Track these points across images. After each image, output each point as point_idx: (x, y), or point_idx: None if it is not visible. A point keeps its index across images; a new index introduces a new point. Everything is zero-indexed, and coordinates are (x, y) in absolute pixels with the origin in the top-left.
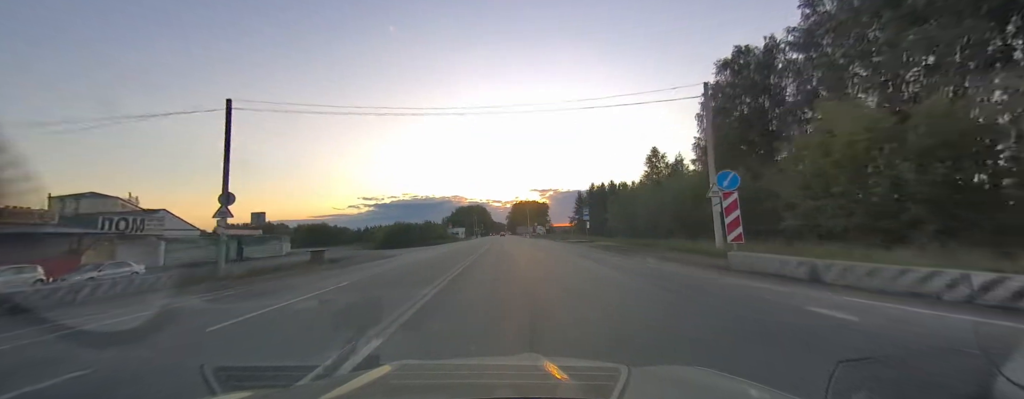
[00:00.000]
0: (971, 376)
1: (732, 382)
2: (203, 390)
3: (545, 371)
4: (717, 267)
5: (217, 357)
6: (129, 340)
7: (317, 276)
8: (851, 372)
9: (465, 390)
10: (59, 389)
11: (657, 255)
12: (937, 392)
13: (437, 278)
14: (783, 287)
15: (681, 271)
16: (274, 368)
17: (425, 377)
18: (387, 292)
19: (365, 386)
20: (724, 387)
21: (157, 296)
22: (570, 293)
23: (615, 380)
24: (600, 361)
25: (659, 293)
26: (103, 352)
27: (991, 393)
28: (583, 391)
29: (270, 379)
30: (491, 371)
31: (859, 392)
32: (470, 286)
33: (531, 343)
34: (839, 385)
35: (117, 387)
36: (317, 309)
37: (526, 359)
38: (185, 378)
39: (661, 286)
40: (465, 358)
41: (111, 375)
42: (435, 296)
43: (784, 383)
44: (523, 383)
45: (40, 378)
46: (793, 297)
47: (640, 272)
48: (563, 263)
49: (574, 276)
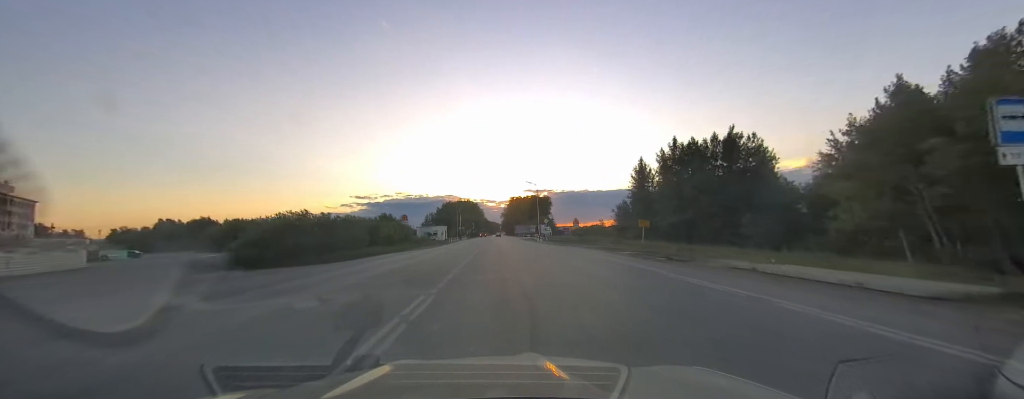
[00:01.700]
0: (971, 376)
1: (732, 382)
2: (203, 390)
3: (545, 371)
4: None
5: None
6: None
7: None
8: (851, 372)
9: (465, 390)
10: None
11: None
12: (937, 392)
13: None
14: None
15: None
16: (273, 368)
17: (424, 377)
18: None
19: (365, 386)
20: (724, 387)
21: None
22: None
23: (615, 380)
24: (600, 361)
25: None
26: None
27: (991, 393)
28: (583, 391)
29: (270, 379)
30: (491, 371)
31: (859, 392)
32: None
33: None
34: (839, 385)
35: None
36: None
37: (526, 359)
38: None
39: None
40: (465, 358)
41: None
42: None
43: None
44: (523, 383)
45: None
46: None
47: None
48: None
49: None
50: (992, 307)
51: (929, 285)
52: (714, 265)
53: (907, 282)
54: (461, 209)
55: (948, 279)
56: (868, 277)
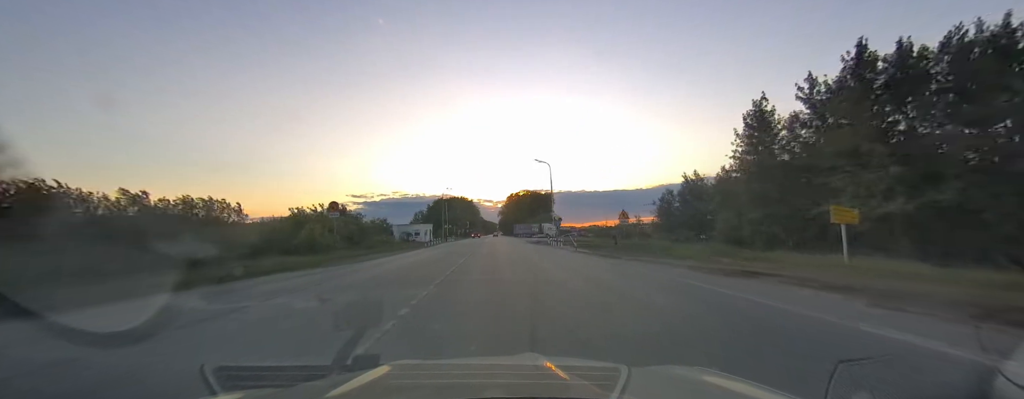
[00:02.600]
0: (971, 376)
1: (732, 382)
2: (203, 390)
3: (545, 370)
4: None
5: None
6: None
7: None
8: (851, 372)
9: (465, 390)
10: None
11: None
12: (937, 392)
13: None
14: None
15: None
16: (273, 368)
17: (424, 377)
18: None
19: (364, 386)
20: (724, 387)
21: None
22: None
23: (615, 380)
24: (600, 361)
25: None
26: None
27: (991, 393)
28: (583, 391)
29: (270, 379)
30: (490, 371)
31: (859, 392)
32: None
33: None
34: (839, 385)
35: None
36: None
37: (526, 359)
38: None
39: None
40: (465, 358)
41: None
42: None
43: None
44: (523, 383)
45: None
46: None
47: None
48: None
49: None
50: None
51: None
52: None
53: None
54: (452, 206)
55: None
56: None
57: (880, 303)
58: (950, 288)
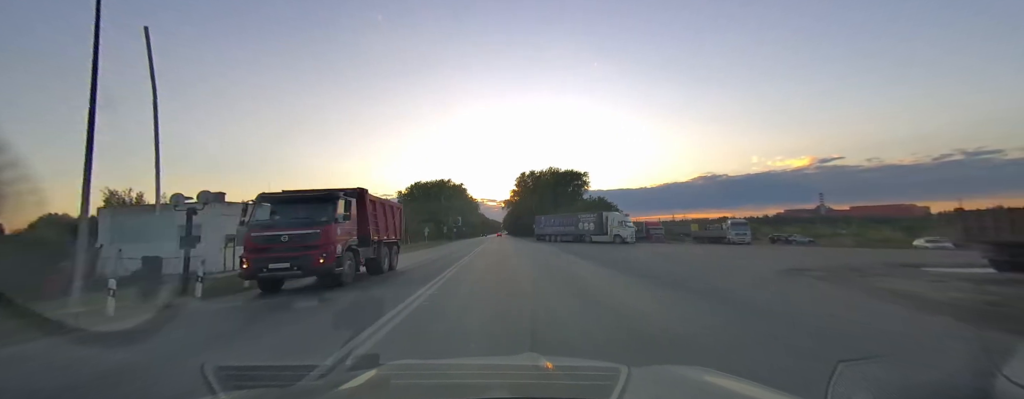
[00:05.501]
0: (972, 376)
1: (732, 382)
2: (204, 389)
3: (545, 371)
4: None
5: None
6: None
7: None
8: (851, 372)
9: (465, 390)
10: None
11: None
12: (937, 392)
13: None
14: None
15: None
16: (273, 368)
17: (424, 377)
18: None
19: (364, 386)
20: (724, 387)
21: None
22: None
23: (615, 380)
24: (600, 361)
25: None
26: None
27: (991, 393)
28: (583, 391)
29: (270, 379)
30: (491, 371)
31: (859, 392)
32: None
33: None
34: (839, 385)
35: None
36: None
37: (526, 359)
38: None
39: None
40: (465, 358)
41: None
42: None
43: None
44: (523, 383)
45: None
46: None
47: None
48: None
49: None
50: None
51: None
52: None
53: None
54: (431, 194)
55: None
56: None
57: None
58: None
